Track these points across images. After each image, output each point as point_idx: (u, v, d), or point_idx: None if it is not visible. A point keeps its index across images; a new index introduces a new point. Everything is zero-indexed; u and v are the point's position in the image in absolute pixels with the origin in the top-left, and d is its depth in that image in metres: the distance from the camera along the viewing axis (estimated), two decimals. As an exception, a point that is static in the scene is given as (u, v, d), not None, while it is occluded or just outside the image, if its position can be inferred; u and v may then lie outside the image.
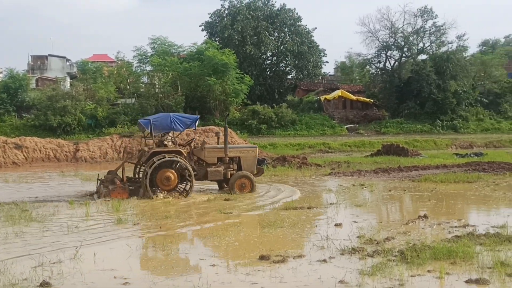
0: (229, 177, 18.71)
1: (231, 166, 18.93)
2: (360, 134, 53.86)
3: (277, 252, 9.92)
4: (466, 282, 7.99)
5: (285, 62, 70.47)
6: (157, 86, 57.47)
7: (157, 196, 17.19)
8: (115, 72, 59.37)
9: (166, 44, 59.10)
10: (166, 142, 18.33)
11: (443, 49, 63.97)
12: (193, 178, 17.82)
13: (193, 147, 19.40)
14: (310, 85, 68.88)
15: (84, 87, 55.64)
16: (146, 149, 18.33)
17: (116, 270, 8.96)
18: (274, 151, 41.71)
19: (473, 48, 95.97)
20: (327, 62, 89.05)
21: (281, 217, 13.61)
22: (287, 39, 69.26)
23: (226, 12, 68.87)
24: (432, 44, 65.34)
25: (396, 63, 65.05)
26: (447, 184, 20.18)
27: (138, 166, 19.34)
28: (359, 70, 74.97)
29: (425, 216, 13.18)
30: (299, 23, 70.91)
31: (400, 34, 64.56)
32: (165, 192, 17.46)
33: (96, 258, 9.71)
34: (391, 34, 64.26)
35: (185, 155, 18.13)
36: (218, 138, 20.31)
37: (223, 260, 9.75)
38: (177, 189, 17.89)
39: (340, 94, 61.15)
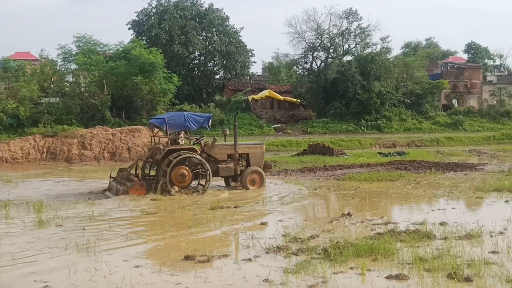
0: (239, 173, 19.27)
1: (240, 162, 19.47)
2: (287, 134, 54.27)
3: (202, 252, 9.91)
4: (387, 278, 8.21)
5: (213, 61, 70.47)
6: (82, 85, 56.11)
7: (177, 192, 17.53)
8: (39, 70, 57.48)
9: (92, 42, 57.73)
10: (179, 140, 18.76)
11: (368, 50, 65.27)
12: (210, 175, 18.12)
13: (203, 144, 19.63)
14: (238, 85, 69.02)
15: (5, 86, 53.82)
16: (161, 147, 18.63)
17: (36, 273, 8.74)
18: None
19: (396, 50, 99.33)
20: (255, 62, 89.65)
21: (207, 216, 13.59)
22: (215, 38, 69.25)
23: (153, 11, 68.24)
24: (357, 45, 66.56)
25: (322, 64, 65.91)
26: (371, 183, 20.63)
27: (149, 164, 19.60)
28: (286, 71, 75.56)
29: (349, 214, 13.47)
30: (227, 23, 71.09)
31: (326, 36, 65.45)
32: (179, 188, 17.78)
33: (15, 261, 9.42)
34: (317, 36, 65.05)
35: (198, 152, 18.56)
36: (225, 136, 20.50)
37: (147, 261, 9.65)
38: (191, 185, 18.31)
39: (267, 94, 61.40)
